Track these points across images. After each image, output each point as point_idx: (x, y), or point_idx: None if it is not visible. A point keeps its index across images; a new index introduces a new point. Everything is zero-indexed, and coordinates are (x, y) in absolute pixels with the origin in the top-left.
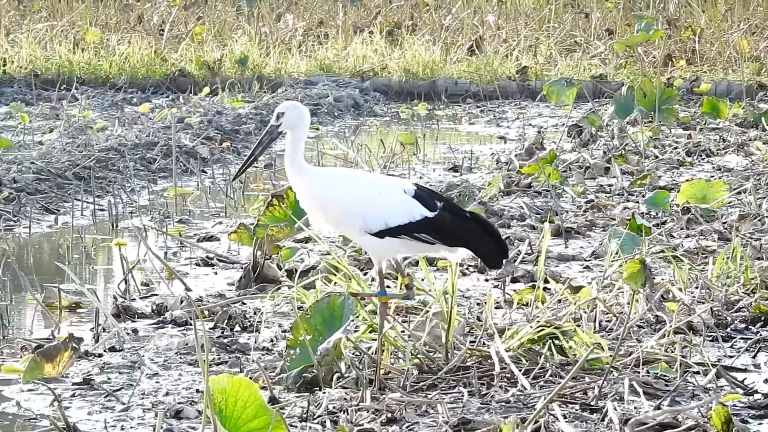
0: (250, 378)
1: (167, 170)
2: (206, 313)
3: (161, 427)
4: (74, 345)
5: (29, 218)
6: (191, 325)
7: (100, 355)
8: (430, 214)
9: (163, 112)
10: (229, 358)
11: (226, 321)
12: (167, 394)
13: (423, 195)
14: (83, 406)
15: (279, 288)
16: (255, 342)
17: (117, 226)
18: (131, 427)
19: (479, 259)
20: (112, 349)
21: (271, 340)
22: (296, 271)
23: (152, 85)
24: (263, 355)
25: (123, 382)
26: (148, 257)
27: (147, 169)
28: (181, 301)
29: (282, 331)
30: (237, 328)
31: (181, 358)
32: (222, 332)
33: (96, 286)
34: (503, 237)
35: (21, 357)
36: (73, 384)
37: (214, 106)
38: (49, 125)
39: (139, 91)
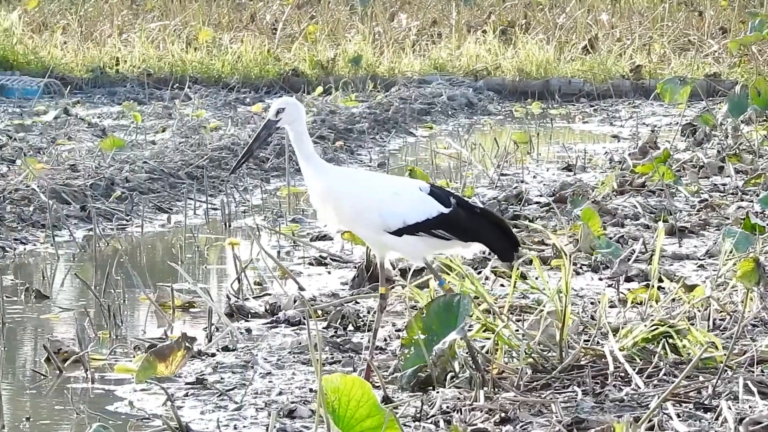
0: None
1: (280, 169)
2: (319, 312)
3: (274, 427)
4: (187, 344)
5: (142, 217)
6: (304, 324)
7: (213, 355)
8: (446, 210)
9: None
10: (342, 357)
11: (339, 320)
12: (280, 393)
13: (438, 192)
14: (196, 406)
15: (392, 287)
16: (368, 341)
17: (230, 226)
18: (244, 427)
19: (493, 254)
20: (226, 349)
21: (385, 340)
22: (409, 270)
23: (265, 85)
24: (376, 354)
25: (236, 381)
26: (261, 256)
27: (260, 168)
28: (295, 301)
29: (395, 330)
30: (350, 327)
31: (294, 357)
32: (335, 331)
33: (209, 286)
34: (619, 233)
35: (134, 356)
36: (186, 384)
37: (328, 106)
38: (162, 124)
39: (251, 90)
